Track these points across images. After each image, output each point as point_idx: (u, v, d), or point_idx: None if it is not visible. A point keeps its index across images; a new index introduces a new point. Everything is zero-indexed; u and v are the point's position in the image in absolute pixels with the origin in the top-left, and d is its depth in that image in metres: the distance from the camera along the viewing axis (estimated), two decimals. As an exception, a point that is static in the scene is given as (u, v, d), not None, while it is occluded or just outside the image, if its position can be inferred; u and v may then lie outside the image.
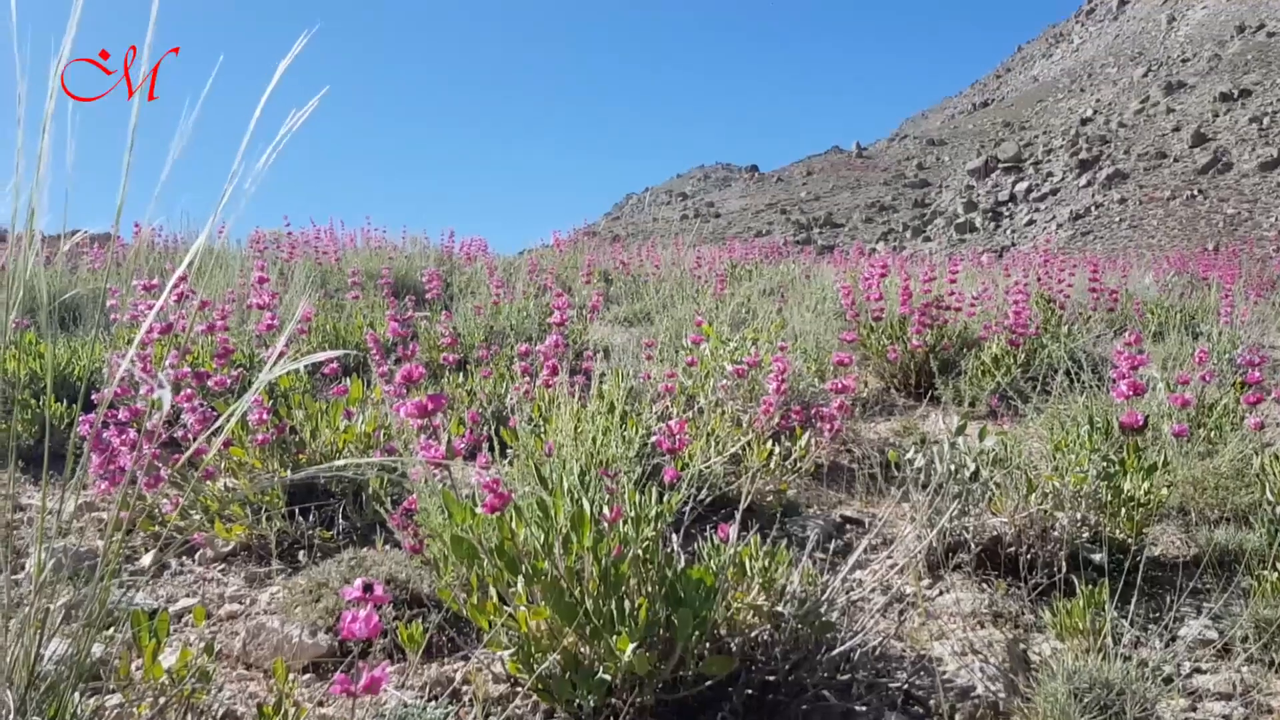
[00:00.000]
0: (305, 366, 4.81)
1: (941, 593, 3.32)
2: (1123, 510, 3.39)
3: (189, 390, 3.65)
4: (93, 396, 2.67)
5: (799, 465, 4.22)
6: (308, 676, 2.59)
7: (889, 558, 3.27)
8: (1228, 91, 60.95)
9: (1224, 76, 64.60)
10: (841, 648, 2.52)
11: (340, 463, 2.23)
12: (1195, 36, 78.48)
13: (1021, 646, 2.90)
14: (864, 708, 2.49)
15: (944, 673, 2.72)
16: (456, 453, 2.43)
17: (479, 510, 2.30)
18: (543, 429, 3.33)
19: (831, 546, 3.26)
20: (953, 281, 7.21)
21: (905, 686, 2.61)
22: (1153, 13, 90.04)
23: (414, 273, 10.53)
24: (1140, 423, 3.36)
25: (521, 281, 9.15)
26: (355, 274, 7.46)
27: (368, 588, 1.54)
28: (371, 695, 1.54)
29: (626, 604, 2.27)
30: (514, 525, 2.35)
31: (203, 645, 2.04)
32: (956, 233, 53.07)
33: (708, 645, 2.41)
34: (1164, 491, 3.48)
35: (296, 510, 3.60)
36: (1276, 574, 3.06)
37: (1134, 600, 3.04)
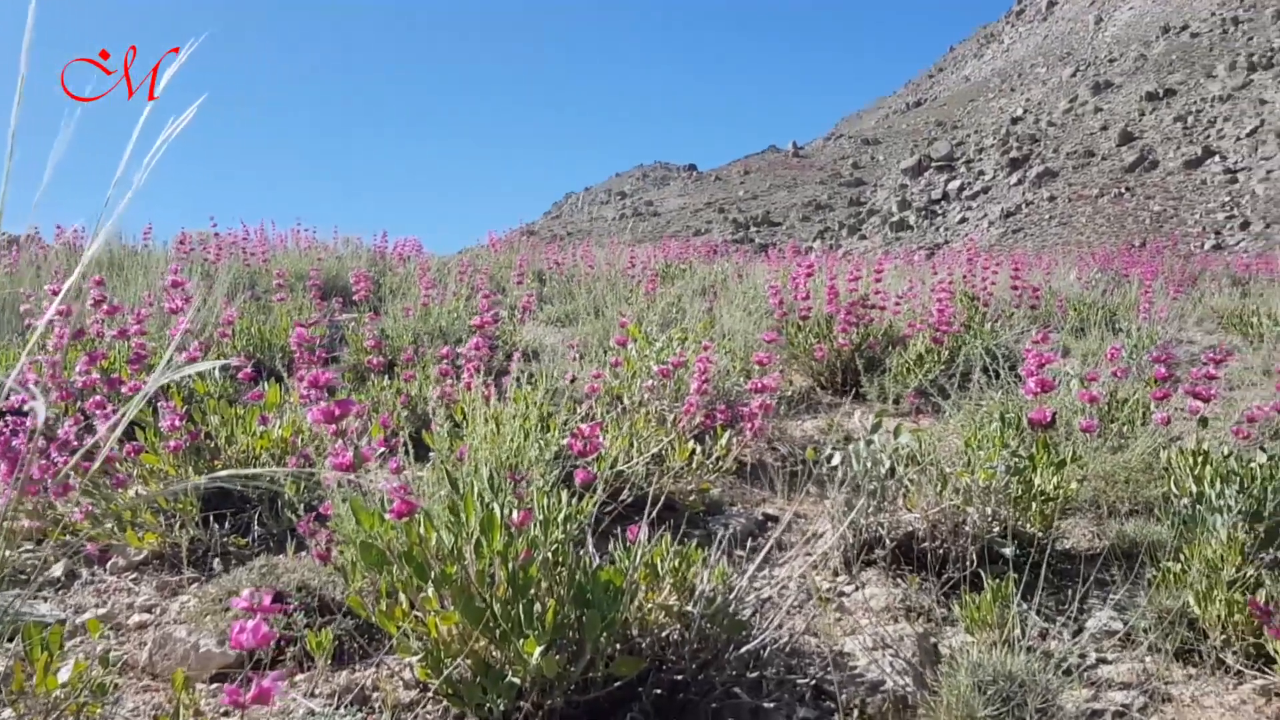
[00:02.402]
0: (225, 370, 4.74)
1: (857, 588, 3.36)
2: (1033, 505, 3.46)
3: (99, 397, 3.59)
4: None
5: (721, 464, 4.24)
6: (215, 686, 2.56)
7: (806, 555, 3.31)
8: (1153, 91, 62.36)
9: (1150, 76, 66.08)
10: (751, 645, 2.55)
11: (246, 471, 2.20)
12: (1122, 37, 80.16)
13: (933, 640, 2.95)
14: (773, 704, 2.52)
15: (855, 667, 2.76)
16: (365, 458, 2.41)
17: (388, 516, 2.29)
18: (462, 432, 3.32)
19: (752, 545, 3.28)
20: (878, 280, 7.30)
21: (816, 682, 2.64)
22: (1080, 14, 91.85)
23: (345, 274, 10.41)
24: (1048, 419, 3.43)
25: (453, 283, 9.09)
26: (281, 275, 7.36)
27: (256, 597, 1.53)
28: (262, 705, 1.52)
29: (536, 607, 2.27)
30: (424, 530, 2.34)
31: (99, 657, 2.01)
32: (892, 231, 53.71)
33: (618, 646, 2.42)
34: (1074, 486, 3.56)
35: (211, 518, 3.55)
36: (1179, 565, 3.14)
37: (1042, 593, 3.12)
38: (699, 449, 4.21)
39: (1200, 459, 3.53)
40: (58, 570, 3.39)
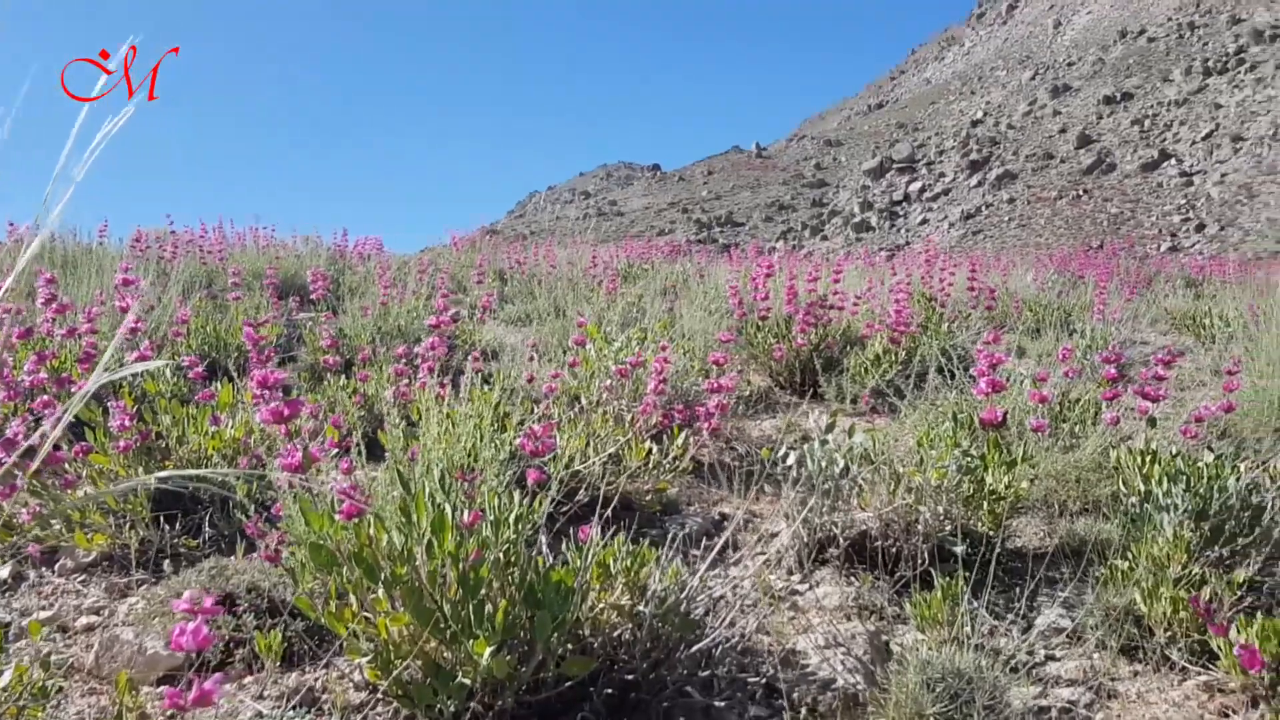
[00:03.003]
0: (178, 370, 4.69)
1: (811, 587, 3.38)
2: (984, 504, 3.50)
3: (48, 396, 3.54)
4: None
5: (678, 464, 4.25)
6: (162, 689, 2.53)
7: (759, 554, 3.32)
8: (1111, 95, 63.17)
9: (1107, 80, 66.95)
10: (703, 644, 2.56)
11: (195, 471, 2.18)
12: (1080, 41, 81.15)
13: (884, 638, 2.97)
14: (725, 702, 2.53)
15: (807, 666, 2.78)
16: (315, 459, 2.39)
17: (337, 517, 2.28)
18: (418, 433, 3.30)
19: (708, 544, 3.29)
20: (836, 281, 7.35)
21: (767, 680, 2.65)
22: (1040, 17, 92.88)
23: (304, 273, 10.32)
24: (1000, 419, 3.46)
25: (413, 282, 9.05)
26: (237, 273, 7.29)
27: (197, 599, 1.51)
28: (203, 708, 1.51)
29: (487, 608, 2.27)
30: (374, 531, 2.33)
31: (39, 660, 1.98)
32: (854, 232, 54.05)
33: (570, 646, 2.42)
34: (1024, 485, 3.60)
35: (162, 519, 3.51)
36: (1127, 563, 3.18)
37: (992, 591, 3.16)
38: (656, 449, 4.21)
39: (1148, 458, 3.58)
40: (4, 572, 3.34)
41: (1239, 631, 2.60)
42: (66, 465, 3.49)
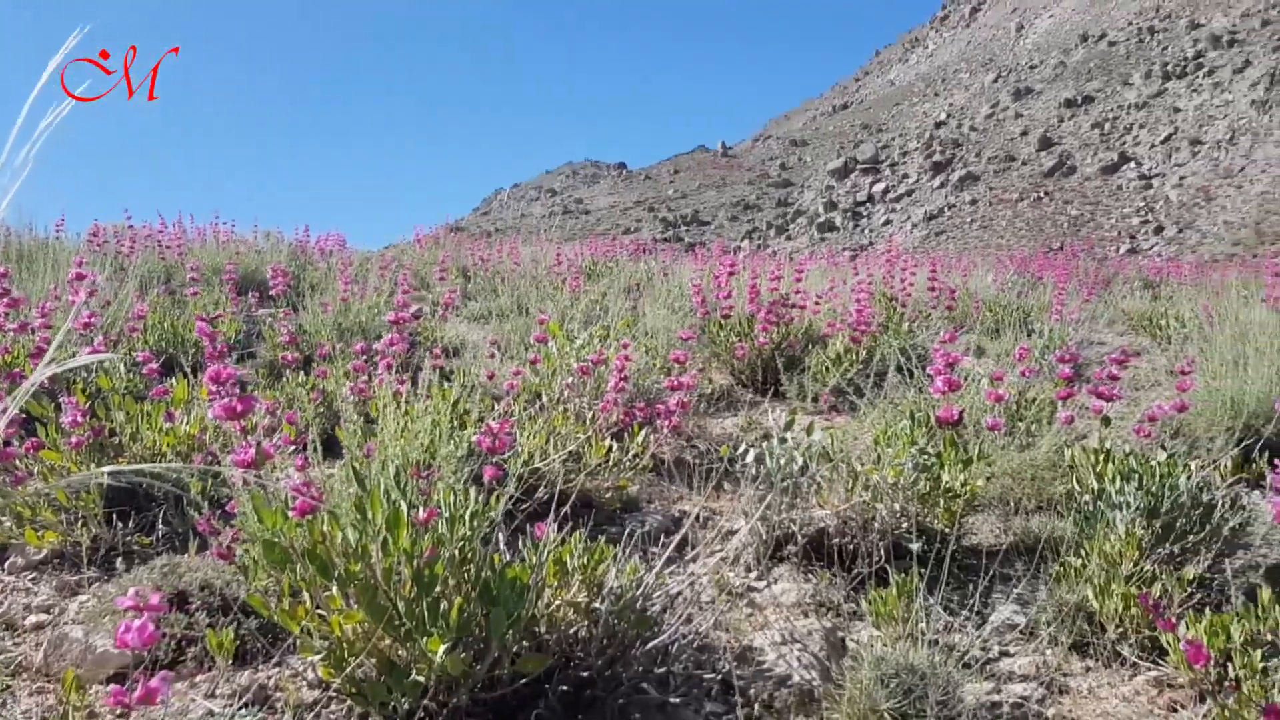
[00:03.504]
0: (133, 365, 4.63)
1: (769, 584, 3.39)
2: (940, 501, 3.53)
3: (-2, 392, 3.48)
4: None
5: (638, 462, 4.25)
6: (112, 688, 2.50)
7: (714, 552, 3.33)
8: (1072, 98, 63.85)
9: (1069, 83, 67.68)
10: (658, 641, 2.56)
11: (147, 466, 2.15)
12: (1042, 44, 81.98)
13: (841, 635, 2.99)
14: (680, 699, 2.53)
15: (763, 662, 2.79)
16: (268, 455, 2.37)
17: (290, 514, 2.26)
18: (376, 429, 3.28)
19: (667, 542, 3.29)
20: (799, 280, 7.38)
21: (724, 677, 2.66)
22: (1003, 20, 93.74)
23: (264, 269, 10.22)
24: (956, 417, 3.49)
25: (375, 278, 8.99)
26: (195, 269, 7.22)
27: (141, 596, 1.50)
28: (148, 706, 1.49)
29: (442, 605, 2.26)
30: (328, 528, 2.31)
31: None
32: (818, 231, 54.31)
33: (525, 644, 2.41)
34: (980, 483, 3.63)
35: (115, 516, 3.47)
36: (1080, 560, 3.22)
37: (947, 588, 3.18)
38: (616, 446, 4.21)
39: (1102, 457, 3.62)
40: (-48, 570, 3.29)
41: (1188, 627, 2.64)
42: (17, 461, 3.44)
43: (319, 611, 2.32)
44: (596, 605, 2.50)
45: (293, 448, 3.09)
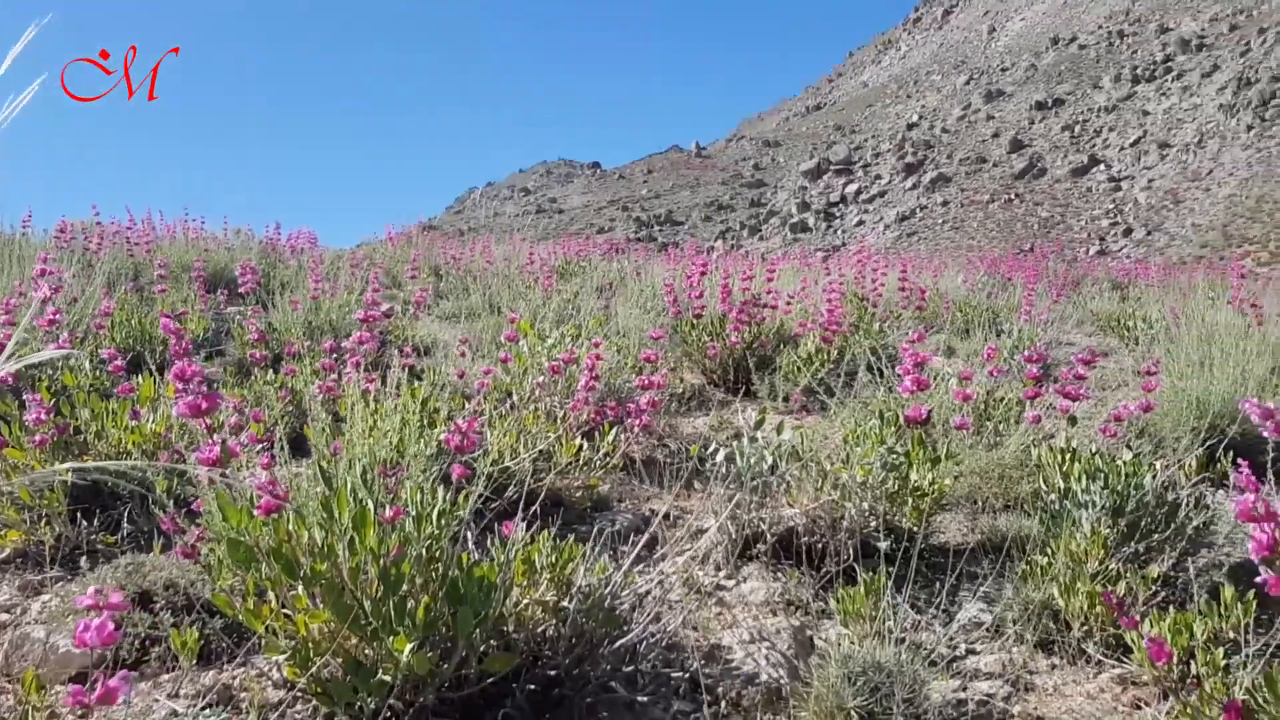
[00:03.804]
0: (99, 363, 4.59)
1: (738, 583, 3.40)
2: (909, 500, 3.54)
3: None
4: None
5: (609, 461, 4.25)
6: (72, 687, 2.47)
7: (683, 550, 3.33)
8: (1043, 100, 64.34)
9: (1039, 86, 68.19)
10: (626, 640, 2.56)
11: (112, 464, 2.13)
12: (1014, 47, 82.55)
13: (809, 633, 3.00)
14: (648, 697, 2.53)
15: (731, 661, 2.79)
16: (234, 453, 2.35)
17: (255, 512, 2.24)
18: (344, 427, 3.27)
19: (636, 541, 3.29)
20: (770, 280, 7.40)
21: (692, 675, 2.66)
22: (974, 23, 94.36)
23: (234, 266, 10.14)
24: (924, 416, 3.51)
25: (345, 276, 8.94)
26: (163, 265, 7.16)
27: (101, 594, 1.48)
28: (107, 706, 1.48)
29: (409, 604, 2.25)
30: (294, 527, 2.29)
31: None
32: (791, 232, 54.47)
33: (493, 643, 2.40)
34: (948, 482, 3.65)
35: (80, 515, 3.43)
36: (1046, 558, 3.24)
37: (915, 586, 3.20)
38: (587, 445, 4.21)
39: (1069, 456, 3.65)
40: (-87, 570, 3.24)
41: (1151, 625, 2.66)
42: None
43: (284, 611, 2.31)
44: (565, 604, 2.50)
45: (260, 446, 3.07)
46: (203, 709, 2.37)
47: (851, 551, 3.38)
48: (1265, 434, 2.26)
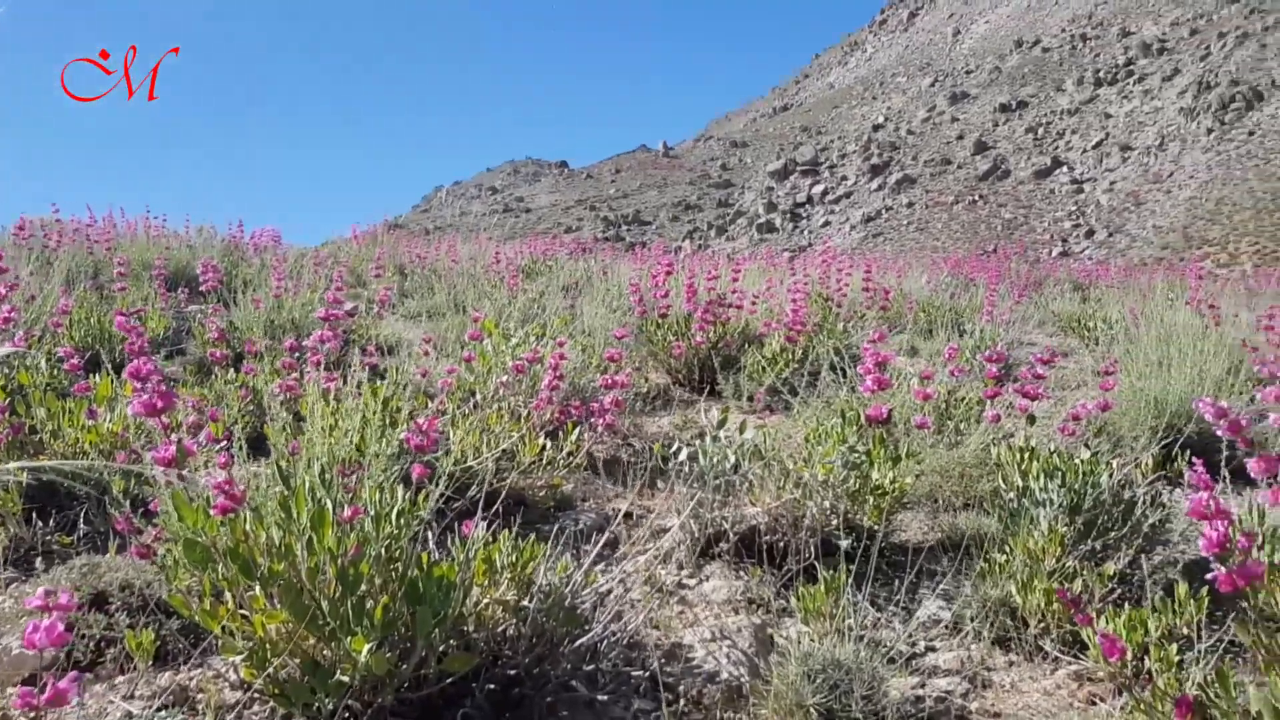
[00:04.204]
0: (55, 361, 4.53)
1: (700, 581, 3.41)
2: (870, 499, 3.56)
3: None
4: None
5: (572, 460, 4.25)
6: (20, 689, 2.44)
7: (643, 549, 3.33)
8: (1006, 102, 64.90)
9: (1003, 88, 68.78)
10: (586, 639, 2.56)
11: (67, 464, 2.11)
12: (978, 50, 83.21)
13: (770, 631, 3.01)
14: (609, 696, 2.53)
15: (693, 659, 2.80)
16: (190, 452, 2.33)
17: (212, 512, 2.22)
18: (305, 426, 3.24)
19: (599, 539, 3.29)
20: (735, 280, 7.42)
21: (653, 674, 2.66)
22: (940, 25, 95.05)
23: (196, 264, 10.04)
24: (885, 415, 3.53)
25: (309, 274, 8.88)
26: (122, 263, 7.07)
27: (51, 595, 1.46)
28: (57, 707, 1.46)
29: (367, 604, 2.24)
30: (251, 527, 2.28)
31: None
32: (758, 232, 54.64)
33: (453, 642, 2.39)
34: (909, 480, 3.68)
35: (35, 515, 3.39)
36: (1004, 556, 3.27)
37: (875, 584, 3.23)
38: (550, 445, 4.20)
39: (1027, 455, 3.69)
40: None
41: (1107, 622, 2.69)
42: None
43: (242, 612, 2.29)
44: (525, 603, 2.49)
45: (221, 445, 3.04)
46: (158, 710, 2.34)
47: (813, 550, 3.39)
48: (1219, 432, 2.29)
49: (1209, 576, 2.09)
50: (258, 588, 2.25)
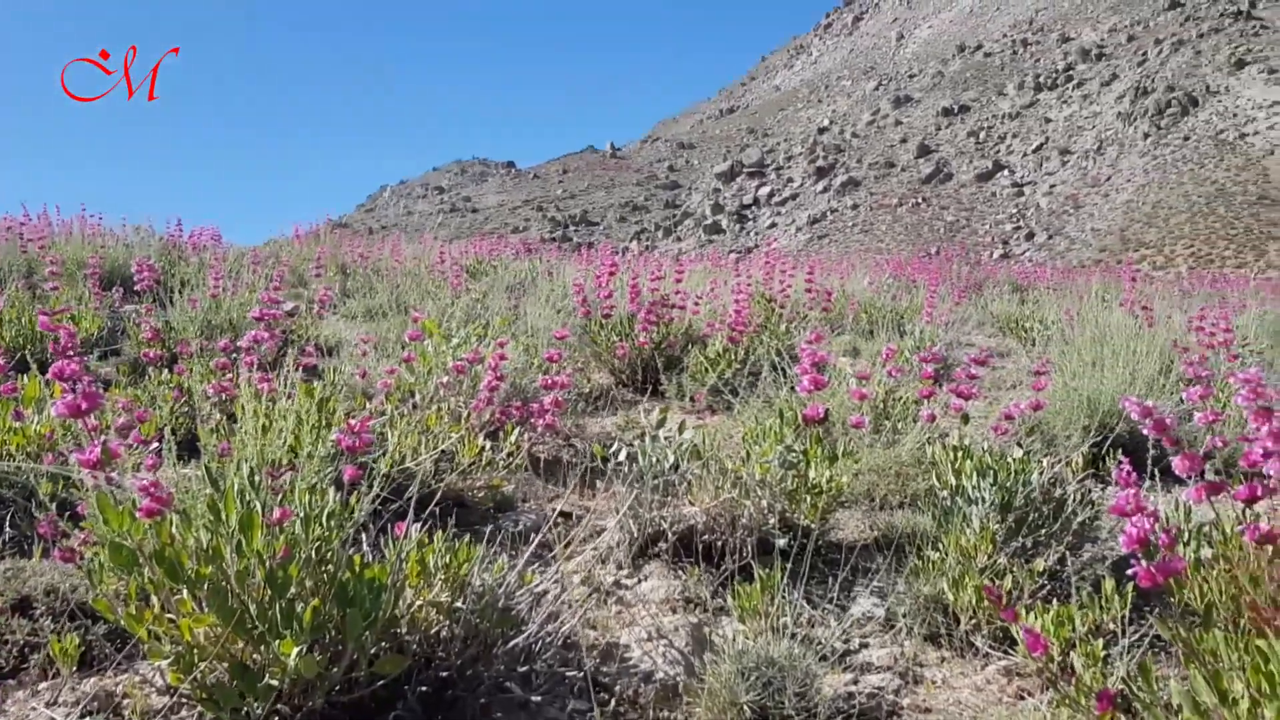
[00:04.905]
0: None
1: (639, 581, 3.41)
2: (807, 497, 3.59)
3: None
4: None
5: (512, 460, 4.24)
6: (-56, 699, 2.38)
7: (579, 550, 3.33)
8: (949, 107, 65.74)
9: (946, 92, 69.65)
10: (520, 639, 2.55)
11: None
12: (922, 54, 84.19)
13: (706, 630, 3.02)
14: (543, 697, 2.53)
15: (630, 659, 2.80)
16: (115, 454, 2.29)
17: (138, 515, 2.19)
18: (238, 427, 3.20)
19: (540, 540, 3.28)
20: (679, 281, 7.43)
21: (589, 674, 2.67)
22: (884, 29, 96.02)
23: (132, 263, 9.87)
24: (821, 415, 3.56)
25: (248, 274, 8.76)
26: (55, 262, 6.93)
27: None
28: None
29: (297, 606, 2.21)
30: (178, 530, 2.24)
31: None
32: (705, 234, 54.85)
33: (385, 645, 2.38)
34: (845, 479, 3.71)
35: (-42, 519, 3.31)
36: (938, 553, 3.31)
37: (811, 582, 3.25)
38: (490, 445, 4.19)
39: (961, 454, 3.73)
40: None
41: (1035, 618, 2.74)
42: None
43: (169, 616, 2.25)
44: (459, 605, 2.48)
45: (155, 445, 3.00)
46: (83, 717, 2.30)
47: (750, 549, 3.41)
48: (1145, 431, 2.34)
49: (1129, 572, 2.13)
50: (185, 591, 2.22)
